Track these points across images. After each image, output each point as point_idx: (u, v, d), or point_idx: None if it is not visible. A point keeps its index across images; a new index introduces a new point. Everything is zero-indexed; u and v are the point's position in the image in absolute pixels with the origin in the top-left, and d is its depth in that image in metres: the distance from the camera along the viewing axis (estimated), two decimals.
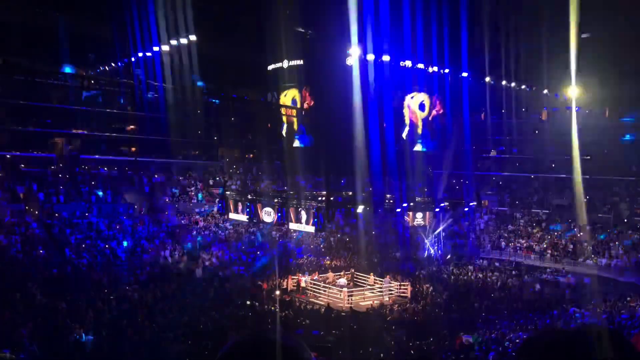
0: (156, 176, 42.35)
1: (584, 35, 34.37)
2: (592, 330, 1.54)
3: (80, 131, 41.47)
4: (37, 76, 37.66)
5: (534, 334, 1.71)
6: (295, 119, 46.32)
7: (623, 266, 33.85)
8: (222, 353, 1.66)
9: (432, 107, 45.82)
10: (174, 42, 42.13)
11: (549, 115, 49.26)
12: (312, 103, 44.26)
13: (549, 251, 37.72)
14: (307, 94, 44.84)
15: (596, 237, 37.91)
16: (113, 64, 45.32)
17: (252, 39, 41.51)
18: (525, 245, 39.26)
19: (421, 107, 46.17)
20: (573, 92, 42.60)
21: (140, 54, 43.07)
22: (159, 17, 40.19)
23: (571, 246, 37.60)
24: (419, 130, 46.13)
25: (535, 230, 40.99)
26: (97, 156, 41.49)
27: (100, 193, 36.77)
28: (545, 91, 47.57)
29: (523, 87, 47.69)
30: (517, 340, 20.61)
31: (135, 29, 41.45)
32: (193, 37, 41.67)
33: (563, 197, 43.56)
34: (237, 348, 1.68)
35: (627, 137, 44.14)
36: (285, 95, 46.21)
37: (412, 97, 45.65)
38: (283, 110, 45.67)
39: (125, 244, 32.77)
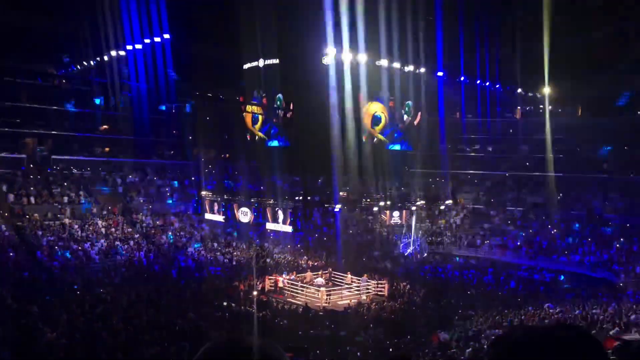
0: (130, 177, 41.79)
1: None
2: (561, 329, 1.54)
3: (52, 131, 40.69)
4: (6, 75, 36.90)
5: (502, 332, 1.69)
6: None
7: (595, 262, 34.45)
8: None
9: (411, 114, 45.47)
10: (147, 40, 41.65)
11: (523, 114, 49.93)
12: (292, 112, 43.75)
13: (524, 248, 38.21)
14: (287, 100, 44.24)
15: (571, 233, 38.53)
16: (85, 63, 44.60)
17: (227, 38, 41.19)
18: (501, 242, 39.72)
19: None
20: (546, 91, 43.26)
21: (113, 53, 42.49)
22: (132, 16, 39.70)
23: (545, 243, 38.15)
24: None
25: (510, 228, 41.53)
26: (69, 156, 40.72)
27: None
28: (519, 90, 48.19)
29: (497, 86, 48.22)
30: (493, 337, 20.75)
31: (108, 28, 40.88)
32: (167, 36, 41.26)
33: (537, 194, 44.17)
34: (211, 354, 1.59)
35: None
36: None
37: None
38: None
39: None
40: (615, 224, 38.28)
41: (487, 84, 47.38)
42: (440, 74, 44.60)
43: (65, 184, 37.49)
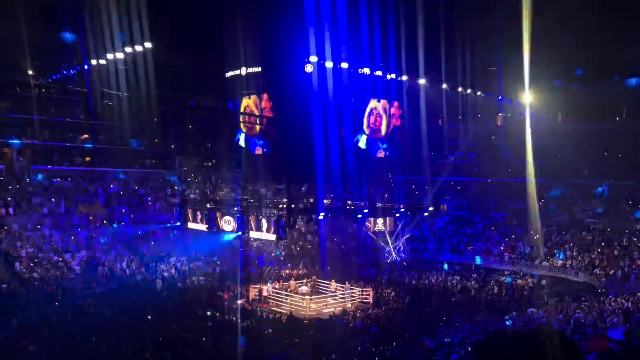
0: (112, 186, 41.33)
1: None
2: (541, 331, 1.54)
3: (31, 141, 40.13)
4: None
5: (483, 336, 1.69)
6: (257, 127, 45.86)
7: (578, 267, 34.74)
8: None
9: (391, 116, 46.06)
10: (129, 49, 41.36)
11: (504, 121, 50.36)
12: (269, 110, 43.94)
13: (507, 253, 38.41)
14: (266, 101, 44.54)
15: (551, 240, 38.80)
16: (65, 72, 44.10)
17: (210, 46, 41.12)
18: (484, 248, 39.89)
19: (385, 111, 46.05)
20: (527, 98, 43.68)
21: (94, 62, 42.12)
22: (113, 24, 39.41)
23: (528, 248, 38.39)
24: (382, 133, 45.86)
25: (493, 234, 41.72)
26: (49, 167, 40.17)
27: None
28: (500, 97, 48.63)
29: (479, 93, 48.64)
30: (475, 341, 20.78)
31: (90, 36, 40.56)
32: (149, 45, 40.99)
33: (519, 200, 44.47)
34: None
35: None
36: (245, 103, 45.75)
37: (378, 101, 45.29)
38: (242, 119, 45.17)
39: None
40: (596, 228, 38.71)
41: (468, 91, 47.82)
42: (422, 81, 44.91)
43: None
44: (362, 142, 46.65)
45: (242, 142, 46.27)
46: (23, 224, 33.10)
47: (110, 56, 41.41)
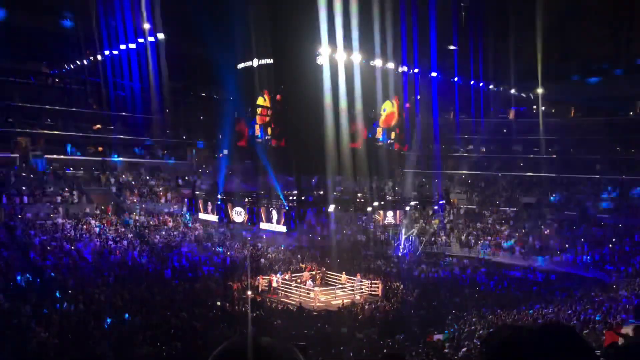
0: (124, 176, 41.63)
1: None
2: (549, 327, 1.56)
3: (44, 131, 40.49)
4: None
5: (492, 330, 1.71)
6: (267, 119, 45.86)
7: (588, 262, 34.57)
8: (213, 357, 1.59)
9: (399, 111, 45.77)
10: (141, 40, 41.53)
11: (516, 115, 50.04)
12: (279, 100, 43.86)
13: (517, 248, 38.29)
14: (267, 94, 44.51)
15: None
16: (78, 62, 44.39)
17: (221, 37, 41.06)
18: (493, 242, 39.77)
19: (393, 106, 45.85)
20: (539, 92, 43.38)
21: (107, 52, 42.34)
22: (125, 16, 39.59)
23: (538, 243, 38.25)
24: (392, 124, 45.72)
25: (503, 228, 41.58)
26: (62, 156, 40.56)
27: None
28: (513, 90, 48.26)
29: (491, 86, 48.30)
30: (484, 335, 20.73)
31: (101, 28, 40.76)
32: (161, 35, 41.12)
33: (530, 195, 44.28)
34: (228, 353, 1.59)
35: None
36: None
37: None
38: (258, 111, 45.04)
39: None
40: (607, 224, 38.45)
41: (481, 84, 47.50)
42: (434, 74, 44.64)
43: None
44: (379, 133, 46.45)
45: (257, 132, 46.18)
46: (36, 212, 33.49)
47: (123, 47, 41.61)
